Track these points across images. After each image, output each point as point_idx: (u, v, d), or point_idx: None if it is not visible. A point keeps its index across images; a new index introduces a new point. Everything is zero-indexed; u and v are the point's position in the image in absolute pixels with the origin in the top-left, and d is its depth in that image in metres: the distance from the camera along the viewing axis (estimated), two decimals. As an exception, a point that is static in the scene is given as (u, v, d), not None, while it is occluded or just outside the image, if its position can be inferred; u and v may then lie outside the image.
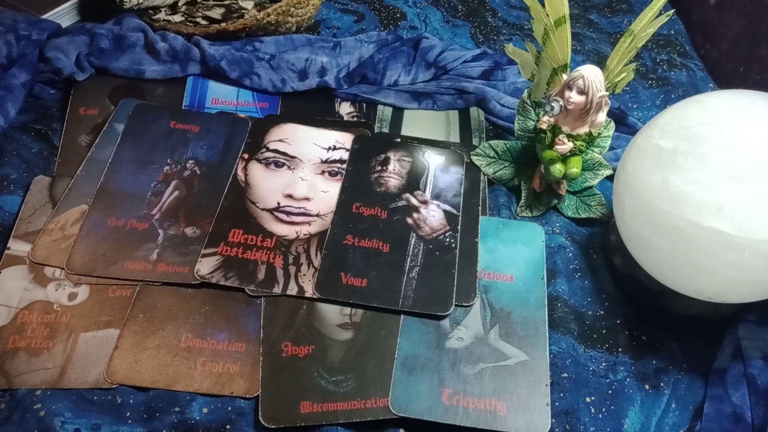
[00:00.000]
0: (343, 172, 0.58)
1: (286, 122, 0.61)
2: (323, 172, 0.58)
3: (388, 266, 0.52)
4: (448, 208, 0.56)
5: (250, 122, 0.61)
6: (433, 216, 0.56)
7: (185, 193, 0.55)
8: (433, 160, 0.60)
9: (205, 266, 0.50)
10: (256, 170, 0.57)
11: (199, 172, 0.57)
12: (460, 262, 0.53)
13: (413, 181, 0.58)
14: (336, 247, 0.53)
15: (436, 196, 0.57)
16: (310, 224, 0.54)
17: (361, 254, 0.53)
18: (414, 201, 0.57)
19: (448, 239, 0.54)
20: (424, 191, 0.58)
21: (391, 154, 0.60)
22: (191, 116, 0.61)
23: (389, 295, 0.50)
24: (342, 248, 0.53)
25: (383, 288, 0.51)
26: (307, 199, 0.56)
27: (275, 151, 0.59)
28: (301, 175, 0.57)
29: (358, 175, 0.58)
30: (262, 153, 0.59)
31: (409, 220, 0.55)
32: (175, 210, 0.54)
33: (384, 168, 0.59)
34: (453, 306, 0.50)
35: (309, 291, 0.50)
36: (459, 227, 0.55)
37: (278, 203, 0.55)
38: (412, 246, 0.54)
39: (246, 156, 0.58)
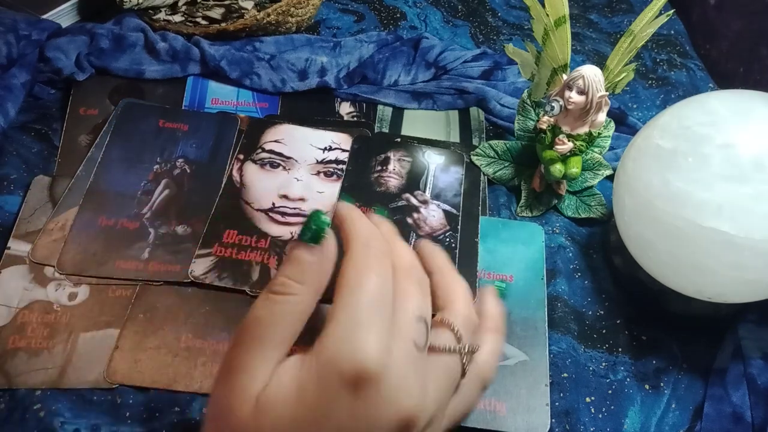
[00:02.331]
0: (339, 172, 0.58)
1: (282, 122, 0.61)
2: (319, 173, 0.58)
3: None
4: (447, 207, 0.56)
5: (239, 119, 0.61)
6: (433, 216, 0.56)
7: (175, 191, 0.55)
8: (433, 160, 0.60)
9: (199, 267, 0.50)
10: (252, 171, 0.57)
11: (189, 171, 0.57)
12: (459, 262, 0.53)
13: (413, 181, 0.58)
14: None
15: (436, 196, 0.57)
16: None
17: None
18: (414, 201, 0.57)
19: (448, 239, 0.54)
20: (424, 191, 0.57)
21: (391, 154, 0.60)
22: (180, 115, 0.61)
23: None
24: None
25: None
26: (302, 199, 0.56)
27: (271, 151, 0.59)
28: (296, 176, 0.57)
29: (358, 175, 0.58)
30: (257, 153, 0.59)
31: (410, 220, 0.55)
32: (165, 208, 0.54)
33: (384, 168, 0.59)
34: None
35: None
36: (459, 227, 0.55)
37: (273, 204, 0.55)
38: (412, 246, 0.53)
39: (241, 156, 0.58)
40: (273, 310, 0.30)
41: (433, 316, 0.33)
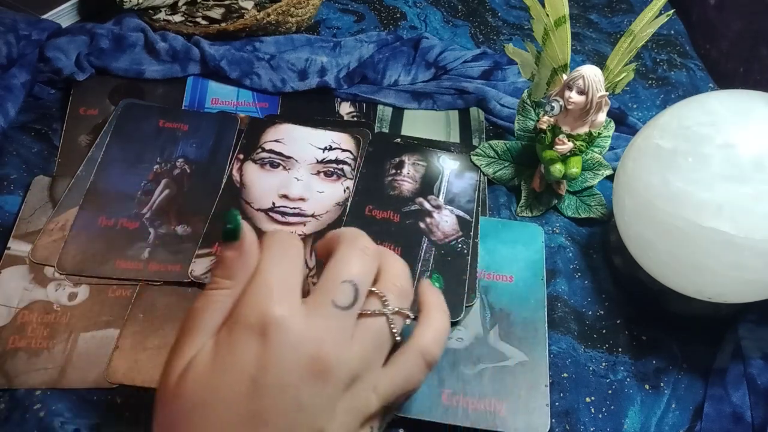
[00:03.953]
0: (339, 172, 0.58)
1: (282, 122, 0.61)
2: (319, 173, 0.58)
3: None
4: (461, 213, 0.56)
5: (239, 119, 0.61)
6: (445, 221, 0.56)
7: (175, 191, 0.55)
8: (447, 165, 0.60)
9: (200, 267, 0.50)
10: (252, 170, 0.57)
11: (189, 171, 0.57)
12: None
13: (427, 185, 0.58)
14: None
15: (450, 201, 0.57)
16: (305, 225, 0.54)
17: None
18: (427, 205, 0.56)
19: (460, 245, 0.54)
20: (438, 196, 0.57)
21: (405, 158, 0.60)
22: (180, 115, 0.61)
23: None
24: None
25: None
26: (302, 199, 0.56)
27: (270, 151, 0.59)
28: (296, 176, 0.57)
29: (371, 178, 0.58)
30: (257, 153, 0.59)
31: (422, 225, 0.55)
32: (165, 209, 0.54)
33: (398, 171, 0.59)
34: (463, 312, 0.50)
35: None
36: (471, 233, 0.55)
37: (273, 203, 0.55)
38: (423, 250, 0.53)
39: (241, 156, 0.58)
40: (206, 301, 0.33)
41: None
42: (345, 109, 0.66)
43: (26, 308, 0.48)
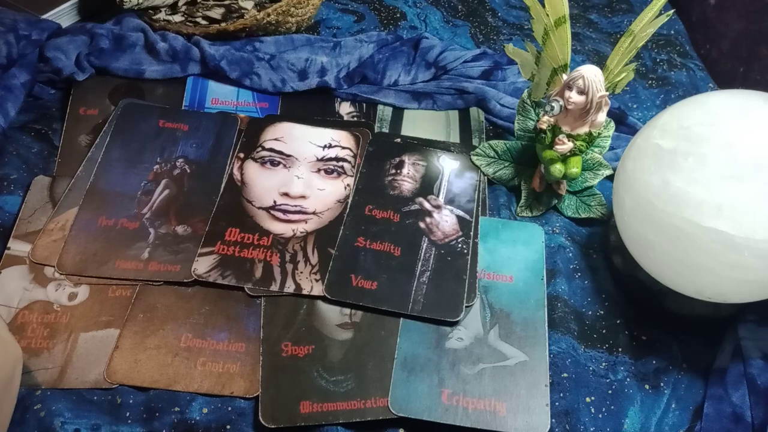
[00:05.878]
0: (340, 170, 0.58)
1: (281, 121, 0.61)
2: (319, 170, 0.58)
3: (399, 270, 0.52)
4: (461, 213, 0.56)
5: (239, 119, 0.61)
6: (445, 221, 0.56)
7: (175, 191, 0.55)
8: (447, 165, 0.60)
9: (202, 265, 0.50)
10: (252, 169, 0.57)
11: (189, 171, 0.57)
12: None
13: (427, 185, 0.58)
14: (347, 248, 0.53)
15: (450, 201, 0.57)
16: (306, 222, 0.54)
17: (372, 257, 0.53)
18: (427, 205, 0.57)
19: (460, 245, 0.54)
20: (438, 196, 0.57)
21: (405, 158, 0.60)
22: (180, 115, 0.61)
23: (399, 299, 0.50)
24: (353, 250, 0.53)
25: (393, 292, 0.51)
26: (303, 197, 0.56)
27: (271, 149, 0.59)
28: (297, 174, 0.57)
29: (371, 178, 0.58)
30: (257, 152, 0.59)
31: (422, 225, 0.55)
32: (165, 209, 0.54)
33: (398, 171, 0.59)
34: (463, 312, 0.50)
35: (306, 288, 0.50)
36: (472, 233, 0.55)
37: (274, 201, 0.55)
38: (423, 250, 0.53)
39: (242, 155, 0.58)
40: None
41: None
42: (345, 109, 0.66)
43: (26, 308, 0.48)
